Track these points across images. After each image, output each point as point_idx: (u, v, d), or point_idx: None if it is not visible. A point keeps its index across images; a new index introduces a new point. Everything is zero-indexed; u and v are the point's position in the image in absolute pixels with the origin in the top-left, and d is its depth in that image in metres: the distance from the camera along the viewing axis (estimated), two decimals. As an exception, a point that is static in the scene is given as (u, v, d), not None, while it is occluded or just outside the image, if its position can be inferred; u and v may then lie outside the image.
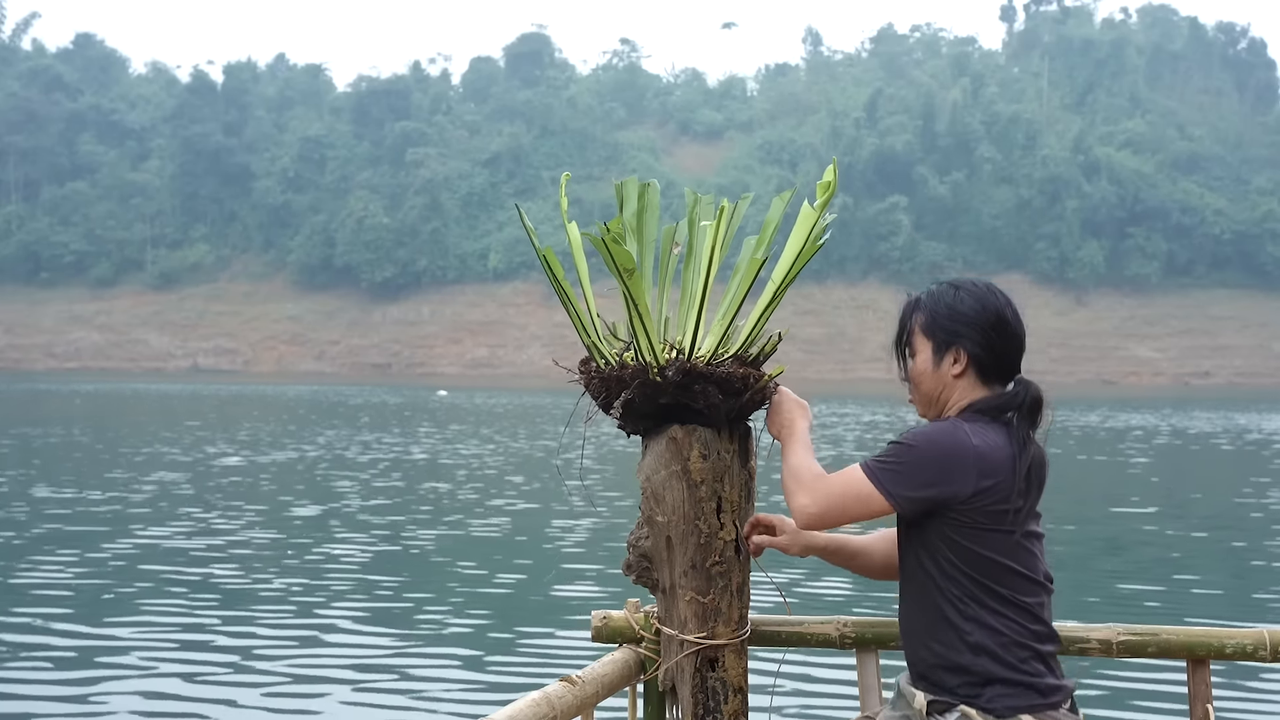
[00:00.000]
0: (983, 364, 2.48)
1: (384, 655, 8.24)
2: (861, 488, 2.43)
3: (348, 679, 7.66)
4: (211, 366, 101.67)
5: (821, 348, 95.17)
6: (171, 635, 8.74)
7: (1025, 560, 2.43)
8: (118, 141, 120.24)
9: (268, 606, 9.80)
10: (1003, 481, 2.39)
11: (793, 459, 2.56)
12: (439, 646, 8.55)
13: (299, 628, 9.05)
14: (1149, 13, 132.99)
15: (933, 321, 2.51)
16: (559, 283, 2.58)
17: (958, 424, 2.43)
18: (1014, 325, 2.50)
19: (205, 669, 7.84)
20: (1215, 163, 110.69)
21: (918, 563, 2.48)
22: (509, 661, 8.17)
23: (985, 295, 2.49)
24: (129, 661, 8.02)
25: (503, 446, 27.09)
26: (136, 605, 9.77)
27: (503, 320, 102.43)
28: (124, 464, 21.65)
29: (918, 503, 2.41)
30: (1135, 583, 11.41)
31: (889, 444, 2.46)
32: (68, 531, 13.65)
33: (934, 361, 2.51)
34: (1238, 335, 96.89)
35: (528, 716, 2.16)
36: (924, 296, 2.56)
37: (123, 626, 9.01)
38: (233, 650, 8.31)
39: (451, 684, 7.62)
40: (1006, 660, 2.40)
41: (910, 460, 2.41)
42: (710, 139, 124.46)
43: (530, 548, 12.98)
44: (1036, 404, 2.46)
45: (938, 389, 2.52)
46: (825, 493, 2.46)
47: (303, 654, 8.27)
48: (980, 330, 2.47)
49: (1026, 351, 2.56)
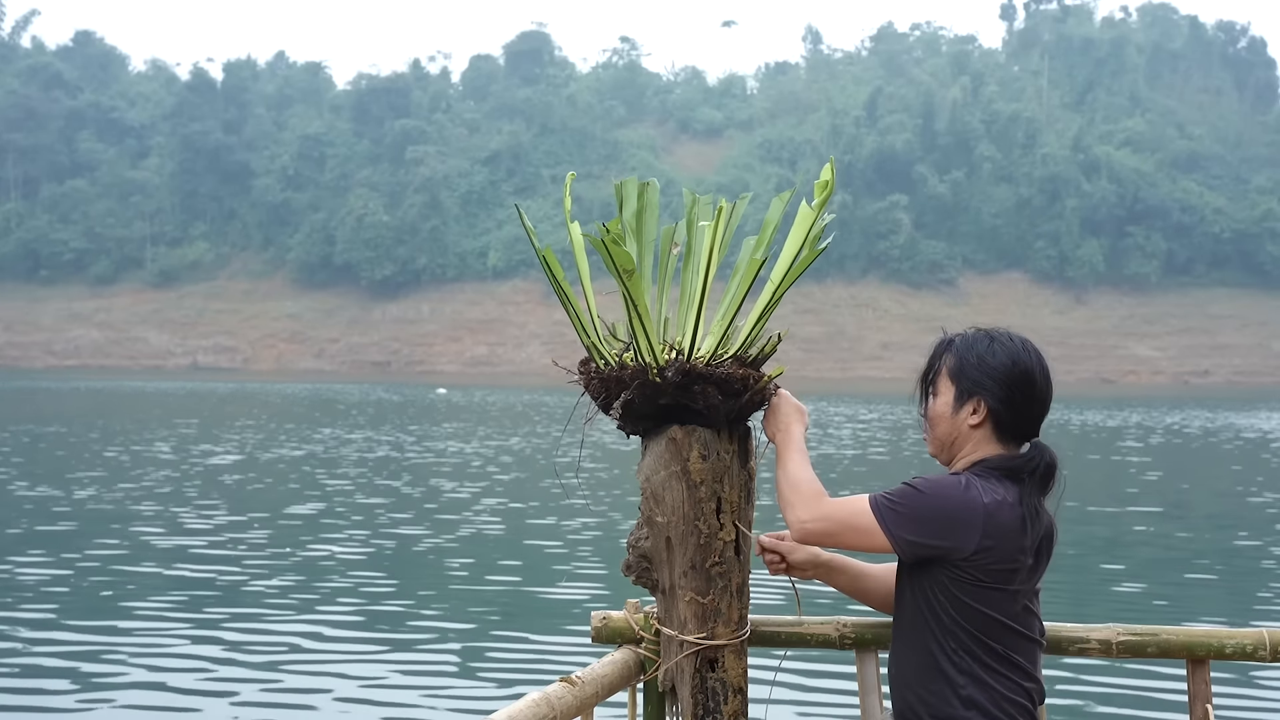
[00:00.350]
0: (1001, 420, 2.45)
1: (384, 655, 8.24)
2: (864, 519, 2.42)
3: (347, 678, 7.66)
4: (211, 364, 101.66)
5: (820, 346, 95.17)
6: (170, 634, 8.74)
7: (1024, 619, 2.43)
8: (117, 139, 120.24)
9: (266, 605, 9.80)
10: (1008, 543, 2.37)
11: (790, 467, 2.54)
12: (439, 646, 8.55)
13: (298, 627, 9.05)
14: (1149, 11, 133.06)
15: (960, 368, 2.48)
16: (559, 283, 2.57)
17: (971, 480, 2.40)
18: (1040, 387, 2.47)
19: (204, 668, 7.84)
20: (1215, 162, 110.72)
21: (915, 610, 2.47)
22: (509, 661, 8.17)
23: (1018, 352, 2.46)
24: (128, 660, 8.02)
25: (502, 445, 27.09)
26: (136, 605, 9.76)
27: (502, 318, 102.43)
28: (121, 459, 21.66)
29: (918, 548, 2.39)
30: (1135, 583, 11.42)
31: (901, 484, 2.44)
32: (49, 530, 13.64)
33: (954, 407, 2.48)
34: (1237, 334, 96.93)
35: (528, 716, 2.16)
36: (958, 339, 2.53)
37: (122, 626, 9.00)
38: (230, 649, 8.31)
39: (451, 684, 7.62)
40: (997, 716, 2.39)
41: (918, 506, 2.39)
42: (710, 137, 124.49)
43: (530, 547, 12.98)
44: (1050, 471, 2.44)
45: (952, 435, 2.50)
46: (825, 514, 2.45)
47: (302, 653, 8.27)
48: (1005, 387, 2.44)
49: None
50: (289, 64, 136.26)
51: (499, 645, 8.59)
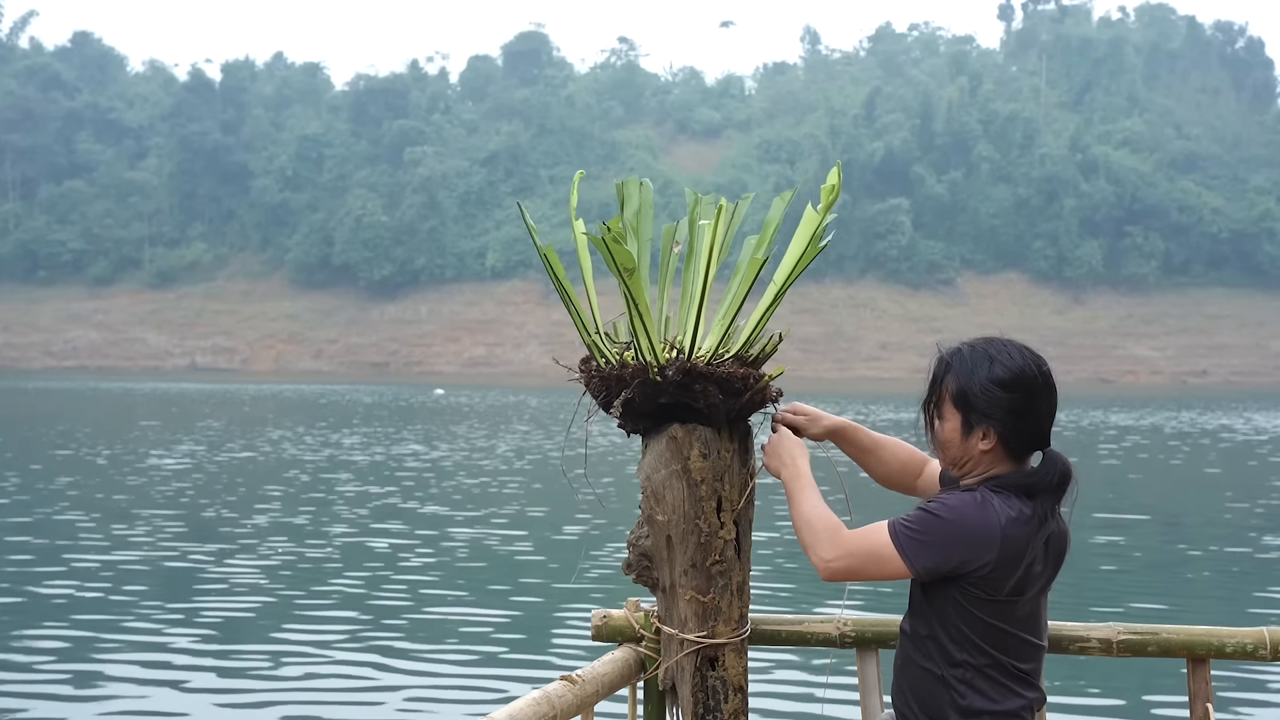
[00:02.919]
0: (1011, 444, 2.44)
1: (383, 654, 8.23)
2: (884, 550, 2.40)
3: (347, 678, 7.65)
4: (209, 365, 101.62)
5: (819, 346, 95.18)
6: (170, 634, 8.73)
7: (1030, 626, 2.44)
8: (115, 140, 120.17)
9: (264, 605, 9.79)
10: (1023, 558, 2.37)
11: (804, 507, 2.53)
12: (439, 646, 8.54)
13: (296, 626, 9.04)
14: (1147, 11, 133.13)
15: (963, 395, 2.44)
16: (560, 282, 2.57)
17: (988, 497, 2.39)
18: (1046, 400, 2.45)
19: (203, 668, 7.83)
20: (1213, 162, 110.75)
21: (924, 613, 2.47)
22: (509, 661, 8.17)
23: (1020, 372, 2.42)
24: (127, 659, 8.02)
25: (500, 445, 27.09)
26: (134, 605, 9.76)
27: (500, 319, 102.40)
28: (137, 457, 21.67)
29: (938, 573, 2.40)
30: (1135, 582, 11.42)
31: (918, 509, 2.43)
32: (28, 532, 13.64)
33: (962, 434, 2.46)
34: (1235, 334, 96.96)
35: (528, 716, 2.16)
36: (955, 361, 2.47)
37: (121, 625, 9.00)
38: (229, 649, 8.30)
39: (452, 683, 7.62)
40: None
41: (938, 532, 2.38)
42: (708, 138, 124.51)
43: (529, 547, 12.97)
44: (1064, 481, 2.43)
45: (964, 457, 2.48)
46: (848, 550, 2.44)
47: (302, 653, 8.26)
48: (1013, 414, 2.42)
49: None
50: (287, 65, 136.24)
51: (499, 644, 8.59)
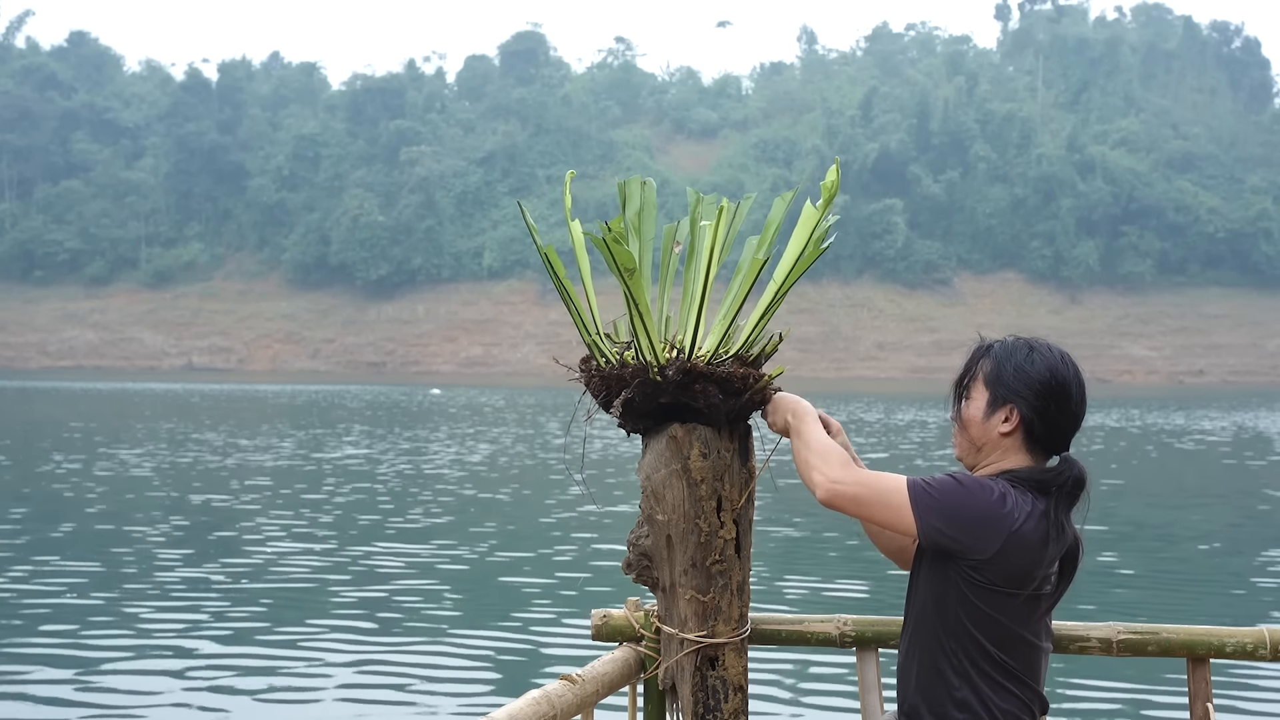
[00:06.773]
0: (1033, 430, 2.43)
1: (383, 654, 8.22)
2: (897, 498, 2.39)
3: (347, 678, 7.65)
4: (206, 365, 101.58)
5: (816, 346, 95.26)
6: (169, 634, 8.72)
7: (1033, 628, 2.42)
8: (112, 140, 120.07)
9: (264, 605, 9.78)
10: (1028, 555, 2.36)
11: (815, 438, 2.50)
12: (438, 646, 8.54)
13: (296, 625, 9.04)
14: (1143, 11, 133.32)
15: (997, 374, 2.46)
16: (560, 281, 2.56)
17: (1006, 489, 2.38)
18: (1076, 401, 2.45)
19: (202, 668, 7.82)
20: (1209, 161, 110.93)
21: (925, 604, 2.46)
22: (509, 661, 8.16)
23: (1057, 364, 2.44)
24: (127, 658, 8.01)
25: (498, 444, 27.08)
26: (135, 604, 9.75)
27: (497, 318, 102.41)
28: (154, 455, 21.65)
29: (940, 537, 2.37)
30: (1135, 582, 11.42)
31: (942, 475, 2.42)
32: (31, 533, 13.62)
33: (987, 412, 2.46)
34: (1231, 334, 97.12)
35: (528, 716, 2.15)
36: (996, 345, 2.51)
37: (120, 624, 8.99)
38: (229, 650, 8.30)
39: (452, 683, 7.61)
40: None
41: (955, 499, 2.37)
42: (705, 137, 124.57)
43: (529, 546, 12.97)
44: (1078, 486, 2.42)
45: (982, 440, 2.48)
46: (860, 480, 2.42)
47: (302, 653, 8.26)
48: (1041, 398, 2.42)
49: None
50: (284, 64, 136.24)
51: (499, 643, 8.59)
